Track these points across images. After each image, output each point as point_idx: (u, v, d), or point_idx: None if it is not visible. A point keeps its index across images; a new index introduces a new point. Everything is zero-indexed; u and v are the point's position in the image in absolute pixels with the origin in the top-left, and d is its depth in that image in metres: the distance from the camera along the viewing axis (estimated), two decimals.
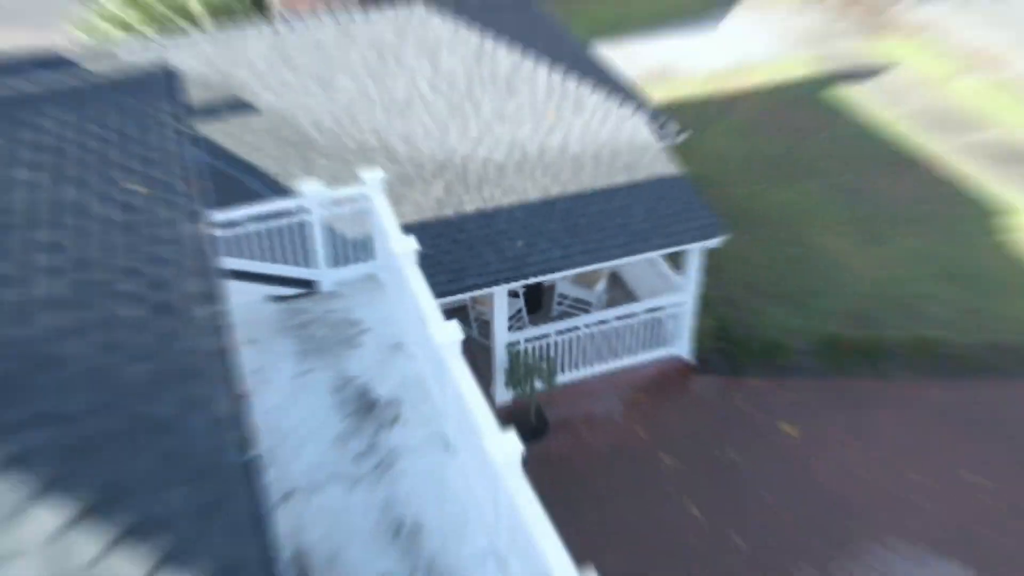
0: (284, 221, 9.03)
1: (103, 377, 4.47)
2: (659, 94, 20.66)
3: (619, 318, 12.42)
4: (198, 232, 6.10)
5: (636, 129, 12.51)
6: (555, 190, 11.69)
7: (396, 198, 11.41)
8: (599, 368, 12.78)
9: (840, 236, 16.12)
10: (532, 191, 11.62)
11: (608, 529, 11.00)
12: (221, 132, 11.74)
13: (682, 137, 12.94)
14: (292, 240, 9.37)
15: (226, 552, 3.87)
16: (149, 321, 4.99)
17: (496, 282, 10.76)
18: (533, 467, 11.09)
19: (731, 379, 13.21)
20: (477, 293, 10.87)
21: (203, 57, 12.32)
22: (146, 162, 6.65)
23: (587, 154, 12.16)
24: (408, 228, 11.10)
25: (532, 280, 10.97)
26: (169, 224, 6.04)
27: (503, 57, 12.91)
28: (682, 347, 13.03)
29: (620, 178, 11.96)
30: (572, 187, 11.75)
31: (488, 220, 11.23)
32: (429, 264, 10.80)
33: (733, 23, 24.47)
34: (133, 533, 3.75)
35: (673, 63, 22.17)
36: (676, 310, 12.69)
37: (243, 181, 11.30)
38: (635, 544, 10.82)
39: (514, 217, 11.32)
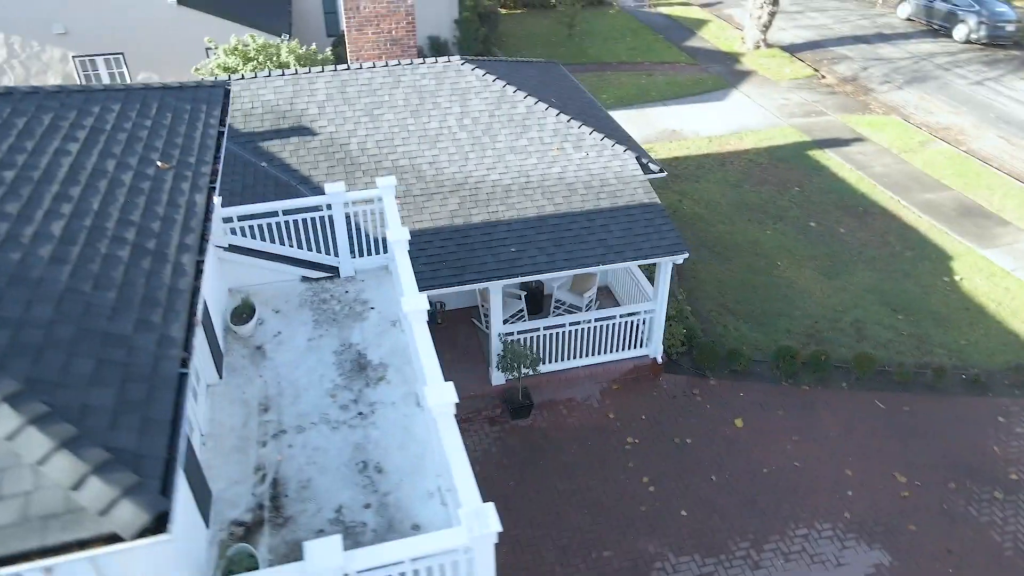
0: (313, 215, 8.90)
1: (71, 298, 4.32)
2: (667, 151, 20.23)
3: (599, 320, 11.98)
4: (203, 202, 5.96)
5: (623, 164, 12.15)
6: (548, 209, 11.40)
7: (418, 208, 11.28)
8: (584, 362, 12.36)
9: (804, 269, 15.39)
10: (529, 209, 11.35)
11: (574, 493, 10.54)
12: (286, 150, 11.78)
13: (662, 174, 12.51)
14: (321, 232, 9.26)
15: (131, 444, 3.65)
16: (129, 260, 4.85)
17: (489, 279, 10.50)
18: (519, 438, 10.75)
19: (694, 378, 12.63)
20: (474, 287, 10.59)
21: (281, 92, 12.42)
22: (179, 147, 6.58)
23: (579, 182, 11.84)
24: (424, 232, 11.01)
25: (519, 279, 10.66)
26: (180, 193, 5.92)
27: (520, 102, 12.72)
28: (654, 348, 12.51)
29: (604, 203, 11.60)
30: (563, 207, 11.43)
31: (490, 229, 10.99)
32: (438, 261, 10.64)
33: (738, 97, 23.87)
34: (50, 418, 3.56)
35: (682, 127, 21.69)
36: (649, 316, 12.19)
37: (297, 188, 11.29)
38: (595, 507, 10.33)
39: (511, 229, 11.06)
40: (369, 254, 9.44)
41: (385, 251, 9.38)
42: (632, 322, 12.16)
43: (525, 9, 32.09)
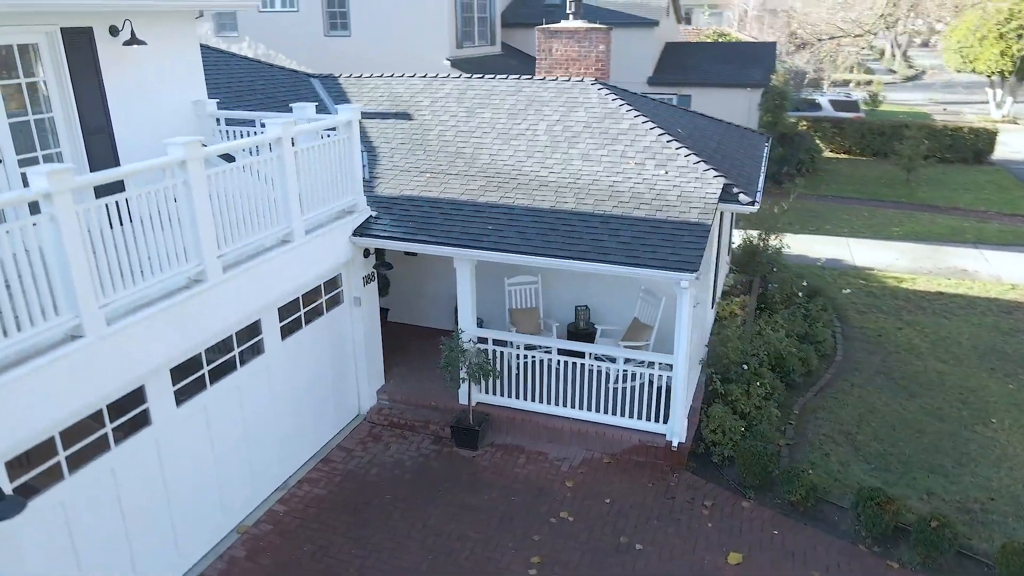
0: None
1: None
2: (933, 284, 15.43)
3: (599, 359, 9.18)
4: None
5: (700, 187, 9.49)
6: (567, 206, 9.41)
7: (442, 183, 10.34)
8: (574, 413, 9.54)
9: (1002, 417, 9.80)
10: (547, 202, 9.54)
11: (443, 551, 7.94)
12: (376, 127, 12.02)
13: (751, 207, 9.41)
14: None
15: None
16: None
17: (439, 244, 8.97)
18: (446, 466, 8.61)
19: (723, 490, 8.69)
20: (437, 251, 9.12)
21: (411, 88, 12.92)
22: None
23: (631, 192, 9.57)
24: (426, 199, 9.99)
25: (472, 252, 8.86)
26: None
27: (625, 117, 11.08)
28: (672, 428, 9.05)
29: (639, 212, 9.13)
30: (586, 207, 9.33)
31: (482, 208, 9.53)
32: (413, 221, 9.50)
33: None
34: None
35: (978, 269, 16.20)
36: (665, 376, 8.95)
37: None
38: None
39: (509, 212, 9.39)
40: None
41: None
42: (639, 378, 9.09)
43: (870, 156, 28.43)
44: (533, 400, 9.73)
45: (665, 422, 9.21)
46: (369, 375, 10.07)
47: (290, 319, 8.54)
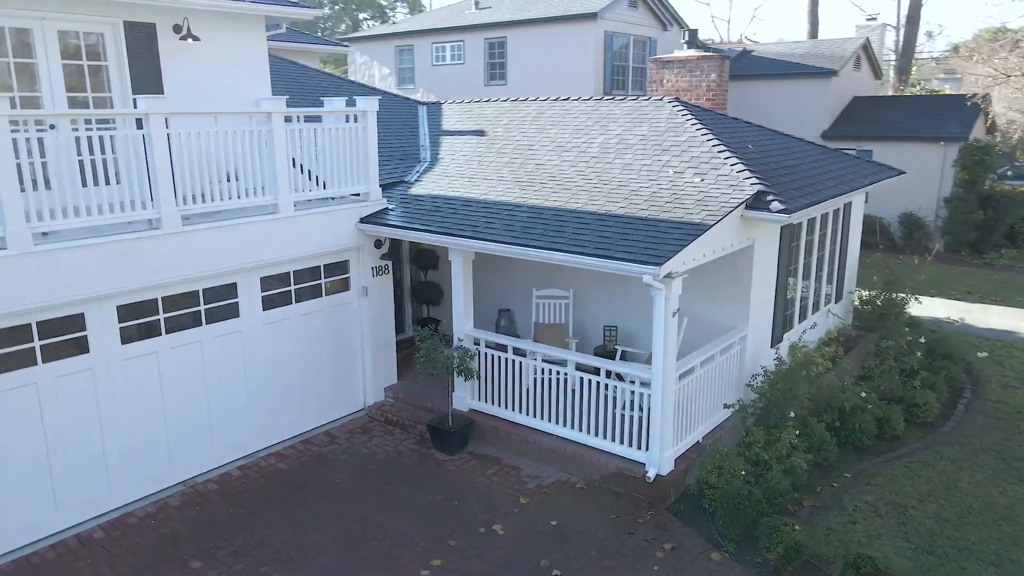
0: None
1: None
2: None
3: (581, 368, 8.27)
4: None
5: (726, 192, 8.43)
6: (574, 206, 8.81)
7: (477, 184, 10.24)
8: (551, 428, 8.66)
9: None
10: (557, 202, 9.02)
11: (355, 537, 7.56)
12: (453, 146, 12.30)
13: (783, 216, 8.05)
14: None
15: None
16: None
17: (431, 232, 8.79)
18: (415, 465, 8.43)
19: (693, 531, 7.26)
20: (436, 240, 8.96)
21: (500, 108, 13.13)
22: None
23: (652, 194, 8.74)
24: (446, 197, 9.93)
25: (461, 241, 8.53)
26: None
27: (686, 132, 10.26)
28: (652, 456, 7.81)
29: (645, 212, 8.25)
30: (591, 208, 8.66)
31: (491, 205, 9.26)
32: (420, 213, 9.48)
33: None
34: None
35: None
36: (644, 393, 7.80)
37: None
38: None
39: (511, 208, 9.03)
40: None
41: None
42: (616, 393, 8.05)
43: None
44: (518, 411, 9.01)
45: (639, 447, 8.01)
46: (376, 371, 10.02)
47: (275, 291, 8.83)
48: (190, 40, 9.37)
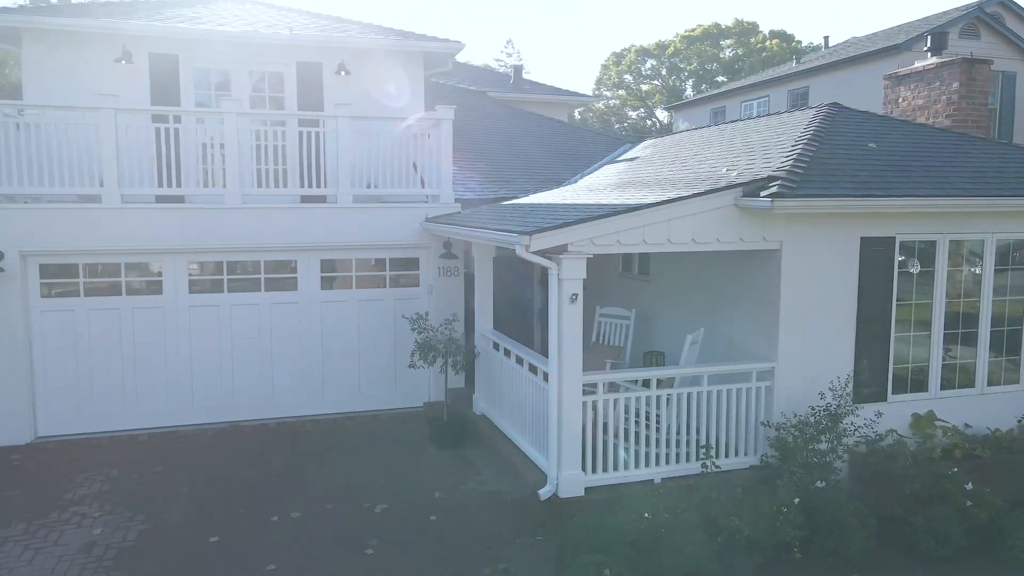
0: None
1: None
2: None
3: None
4: None
5: (740, 177, 7.02)
6: (578, 199, 8.23)
7: (587, 189, 10.16)
8: (516, 438, 7.91)
9: None
10: (575, 198, 8.56)
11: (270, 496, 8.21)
12: (619, 170, 12.22)
13: (767, 202, 6.24)
14: None
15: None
16: None
17: (458, 226, 8.89)
18: (414, 453, 9.00)
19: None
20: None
21: (684, 138, 12.53)
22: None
23: (666, 181, 7.76)
24: (526, 203, 10.07)
25: (465, 231, 8.56)
26: None
27: (793, 133, 8.73)
28: (551, 470, 6.66)
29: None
30: (576, 200, 8.00)
31: (553, 207, 9.13)
32: (479, 215, 9.82)
33: None
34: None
35: None
36: (545, 387, 6.72)
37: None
38: None
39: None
40: None
41: None
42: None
43: None
44: (500, 413, 8.49)
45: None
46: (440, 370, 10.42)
47: (335, 275, 10.08)
48: (343, 74, 11.55)
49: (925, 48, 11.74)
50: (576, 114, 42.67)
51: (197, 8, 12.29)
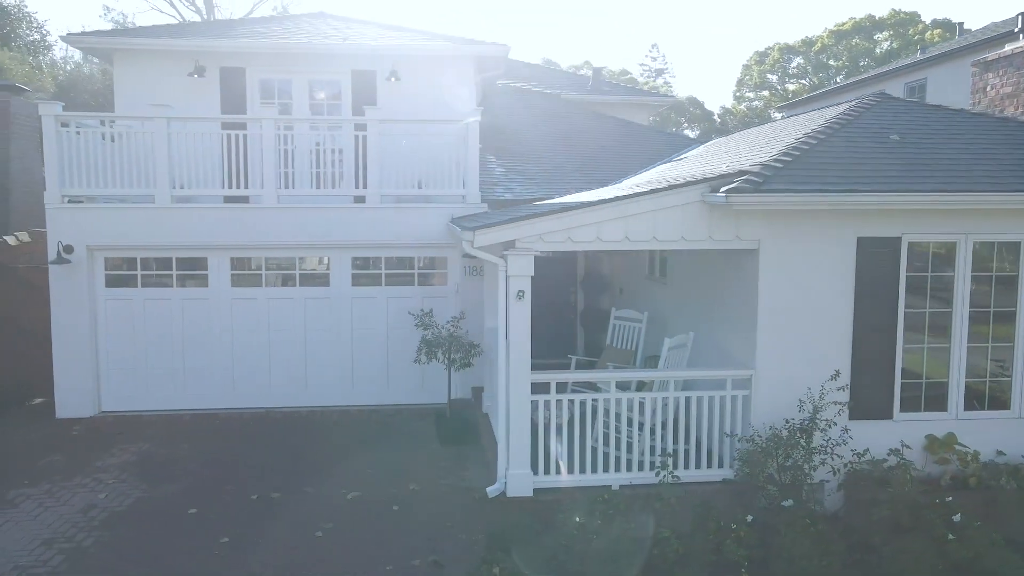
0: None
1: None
2: None
3: None
4: None
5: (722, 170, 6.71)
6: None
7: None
8: None
9: None
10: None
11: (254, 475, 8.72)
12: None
13: (720, 197, 5.86)
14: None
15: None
16: None
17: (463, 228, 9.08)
18: (395, 440, 9.43)
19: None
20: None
21: (731, 140, 11.96)
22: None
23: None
24: (548, 202, 10.05)
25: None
26: None
27: (821, 120, 8.19)
28: (500, 467, 6.62)
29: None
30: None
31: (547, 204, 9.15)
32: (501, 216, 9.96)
33: None
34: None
35: None
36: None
37: None
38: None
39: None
40: None
41: None
42: None
43: None
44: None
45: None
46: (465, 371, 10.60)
47: (365, 272, 10.53)
48: (393, 80, 12.09)
49: (1016, 29, 10.47)
50: (673, 115, 41.42)
51: (270, 25, 13.33)
